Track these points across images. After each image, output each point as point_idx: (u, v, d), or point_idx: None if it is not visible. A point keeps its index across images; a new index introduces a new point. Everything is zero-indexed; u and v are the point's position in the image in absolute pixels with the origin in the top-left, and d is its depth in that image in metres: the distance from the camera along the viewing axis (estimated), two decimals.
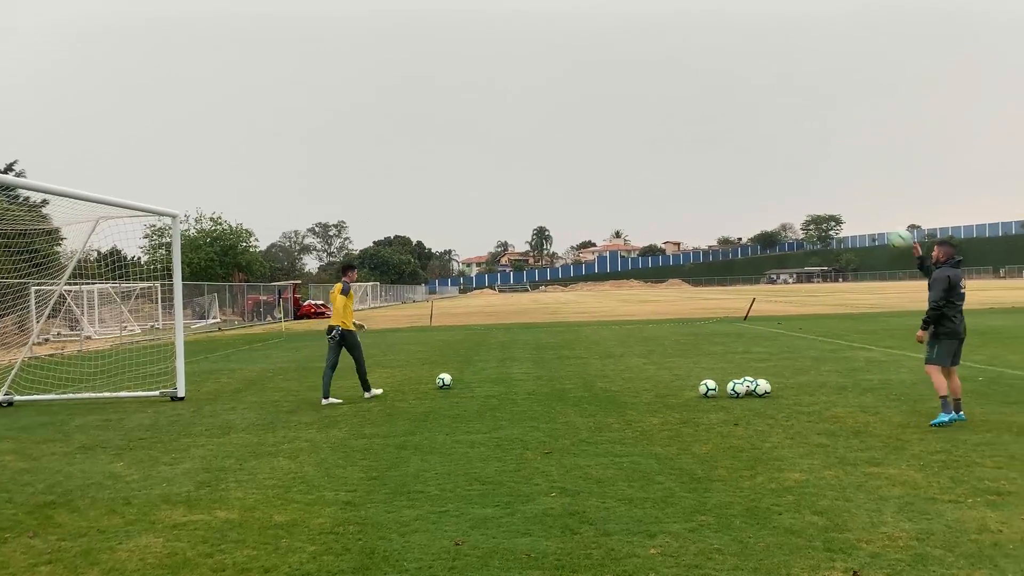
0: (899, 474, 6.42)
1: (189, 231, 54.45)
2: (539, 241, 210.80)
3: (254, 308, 46.51)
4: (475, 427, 9.17)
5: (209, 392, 13.44)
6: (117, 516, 5.99)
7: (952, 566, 4.45)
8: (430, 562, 4.76)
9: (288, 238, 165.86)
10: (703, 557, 4.70)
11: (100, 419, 10.88)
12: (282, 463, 7.63)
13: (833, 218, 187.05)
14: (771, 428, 8.52)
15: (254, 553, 5.03)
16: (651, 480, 6.50)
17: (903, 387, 11.14)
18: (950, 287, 8.52)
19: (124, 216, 13.65)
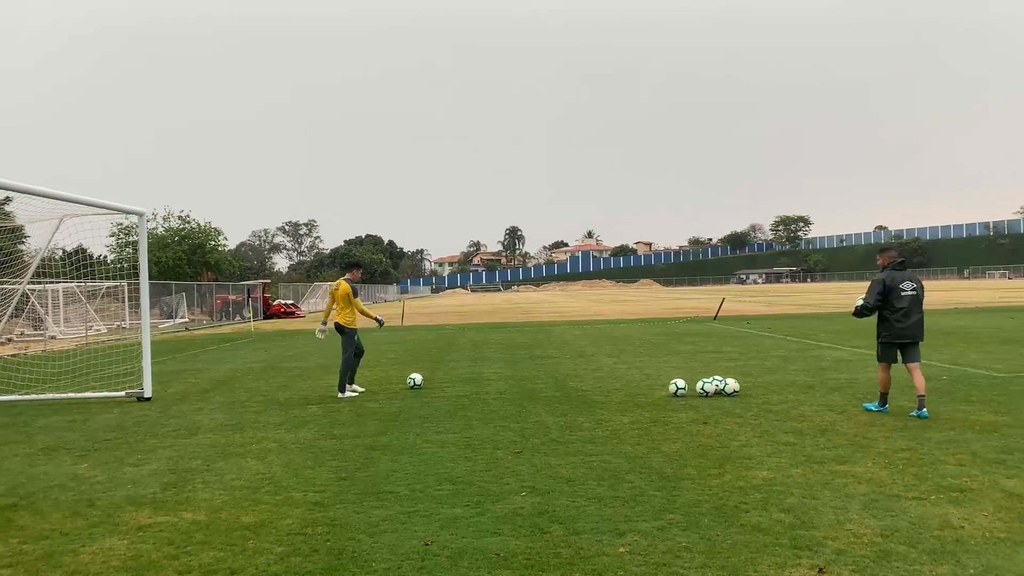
0: (865, 472, 6.51)
1: (157, 229, 53.84)
2: (512, 241, 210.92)
3: (223, 307, 46.03)
4: (446, 427, 9.15)
5: (176, 392, 13.28)
6: (80, 518, 5.89)
7: (915, 562, 4.51)
8: (399, 562, 4.74)
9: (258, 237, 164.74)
10: (671, 555, 4.72)
11: (64, 420, 10.71)
12: (250, 464, 7.56)
13: (802, 219, 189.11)
14: (739, 427, 8.59)
15: (221, 555, 4.98)
16: (621, 479, 6.52)
17: (870, 386, 11.28)
18: (885, 289, 9.10)
19: (90, 214, 13.45)
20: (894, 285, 9.14)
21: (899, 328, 9.11)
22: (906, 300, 9.11)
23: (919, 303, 9.22)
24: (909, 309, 9.11)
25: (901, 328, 9.11)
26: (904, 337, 9.14)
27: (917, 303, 9.19)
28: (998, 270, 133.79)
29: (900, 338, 9.15)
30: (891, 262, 9.35)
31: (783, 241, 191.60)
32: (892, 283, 9.15)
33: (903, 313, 9.09)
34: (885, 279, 9.19)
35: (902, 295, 9.11)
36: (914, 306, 9.14)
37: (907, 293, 9.14)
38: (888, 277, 9.21)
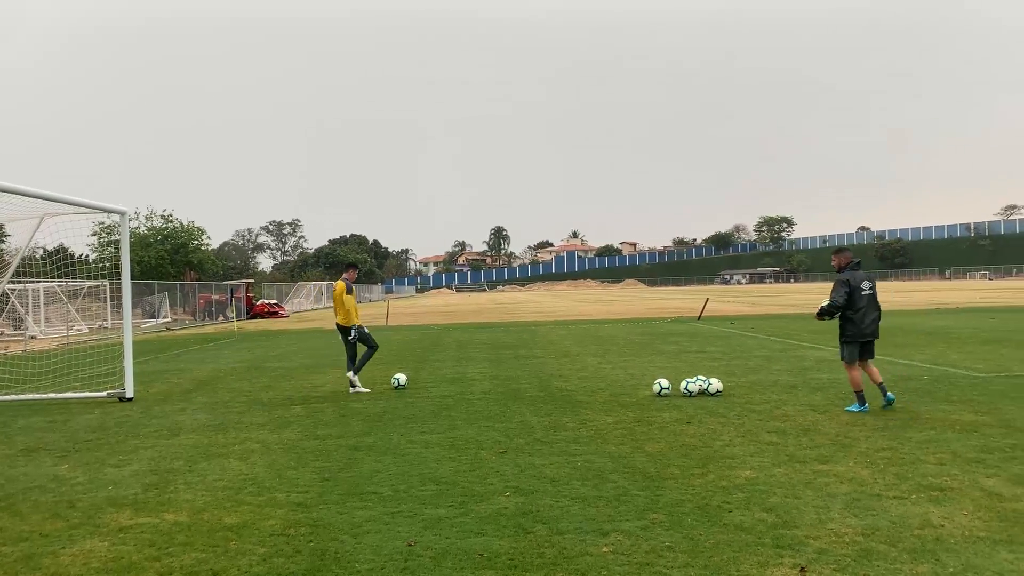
0: (846, 471, 6.55)
1: (139, 229, 53.45)
2: (497, 241, 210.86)
3: (206, 307, 45.77)
4: (430, 427, 9.13)
5: (159, 393, 13.20)
6: (60, 520, 5.84)
7: (896, 560, 4.55)
8: (382, 563, 4.73)
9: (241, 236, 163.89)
10: (654, 555, 4.74)
11: (44, 420, 10.61)
12: (233, 464, 7.52)
13: (785, 220, 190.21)
14: (723, 426, 8.63)
15: (203, 556, 4.95)
16: (604, 479, 6.54)
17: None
18: (851, 289, 9.30)
19: (71, 213, 13.33)
20: (856, 285, 9.36)
21: (863, 327, 9.36)
22: (865, 299, 9.38)
23: (876, 301, 9.51)
24: (868, 308, 9.39)
25: (864, 327, 9.37)
26: (867, 336, 9.41)
27: (874, 301, 9.48)
28: (979, 271, 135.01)
29: (863, 337, 9.40)
30: (848, 262, 9.58)
31: (767, 242, 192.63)
32: (855, 283, 9.37)
33: (864, 312, 9.35)
34: (848, 279, 9.39)
35: (863, 294, 9.36)
36: (872, 304, 9.43)
37: (866, 292, 9.40)
38: (850, 277, 9.42)
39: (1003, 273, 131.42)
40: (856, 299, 9.33)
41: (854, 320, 9.36)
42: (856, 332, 9.38)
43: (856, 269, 9.57)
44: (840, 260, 9.69)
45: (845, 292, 9.31)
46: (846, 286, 9.33)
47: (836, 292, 9.37)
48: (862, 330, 9.37)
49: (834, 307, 9.40)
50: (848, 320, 9.42)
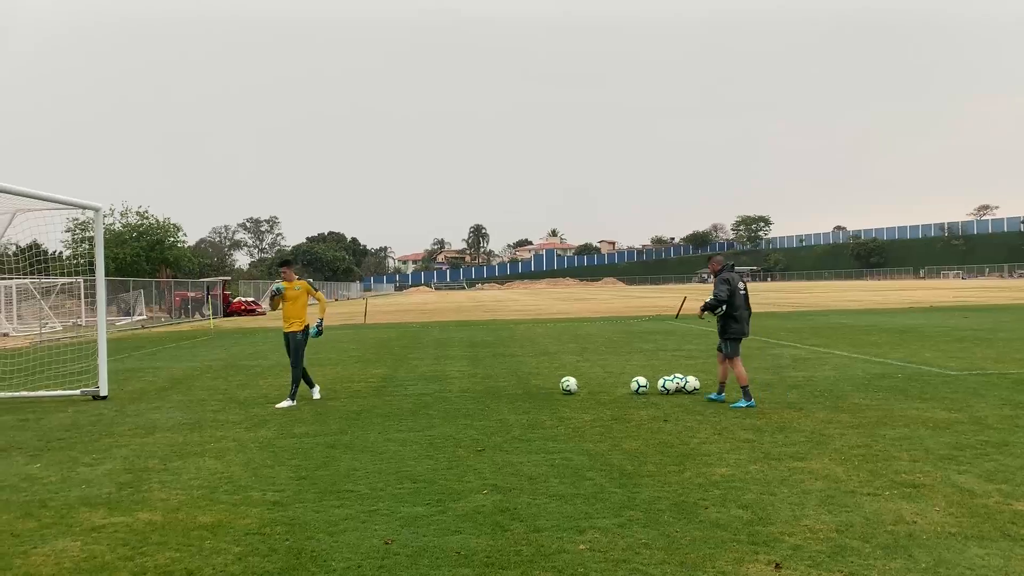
0: (821, 468, 6.61)
1: (114, 225, 52.79)
2: (476, 239, 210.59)
3: (182, 305, 45.37)
4: (408, 425, 9.11)
5: (133, 391, 13.06)
6: (32, 519, 5.77)
7: (869, 556, 4.59)
8: (359, 561, 4.71)
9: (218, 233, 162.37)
10: (631, 552, 4.75)
11: (16, 419, 10.47)
12: (208, 463, 7.46)
13: (762, 219, 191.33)
14: (699, 424, 8.68)
15: (177, 555, 4.91)
16: (582, 476, 6.55)
17: (827, 383, 11.46)
18: (732, 288, 9.95)
19: (44, 209, 13.15)
20: (734, 285, 10.01)
21: (743, 326, 10.04)
22: (742, 299, 10.08)
23: (748, 301, 10.21)
24: (745, 307, 10.09)
25: (744, 326, 10.05)
26: (745, 333, 10.09)
27: (747, 301, 10.18)
28: (952, 270, 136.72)
29: (743, 334, 10.05)
30: (721, 266, 10.30)
31: (744, 241, 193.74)
32: (733, 283, 10.02)
33: (742, 311, 10.03)
34: (728, 278, 10.02)
35: (740, 294, 10.06)
36: (746, 303, 10.12)
37: (743, 292, 10.14)
38: (729, 277, 10.05)
39: (976, 273, 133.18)
40: (736, 299, 9.97)
41: (736, 318, 9.97)
42: (739, 330, 10.00)
43: (731, 271, 10.22)
44: (715, 265, 10.42)
45: (727, 289, 9.92)
46: (727, 284, 9.96)
47: (718, 288, 9.98)
48: (743, 328, 10.03)
49: (719, 302, 9.93)
50: (731, 319, 9.98)
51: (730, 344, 10.01)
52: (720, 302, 9.94)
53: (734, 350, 10.00)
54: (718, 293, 9.95)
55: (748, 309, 10.17)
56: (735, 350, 9.99)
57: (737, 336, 10.00)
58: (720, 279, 10.09)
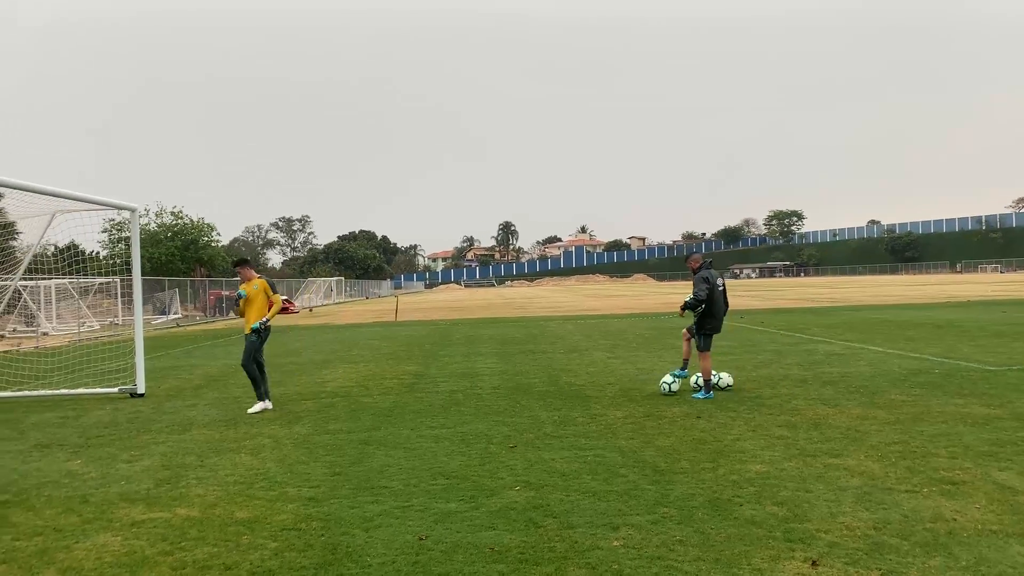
0: (857, 465, 6.53)
1: (150, 225, 53.53)
2: (505, 236, 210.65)
3: (216, 303, 45.92)
4: (440, 422, 9.15)
5: (170, 388, 13.26)
6: (74, 515, 5.88)
7: (908, 554, 4.53)
8: (394, 557, 4.74)
9: (251, 232, 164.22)
10: (665, 549, 4.74)
11: (57, 416, 10.68)
12: (244, 459, 7.55)
13: (795, 213, 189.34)
14: (733, 421, 8.62)
15: (215, 550, 4.98)
16: (615, 473, 6.54)
17: (862, 379, 11.32)
18: (710, 286, 10.22)
19: (82, 210, 13.39)
20: (713, 282, 10.29)
21: (717, 322, 10.33)
22: (720, 295, 10.39)
23: (726, 296, 10.56)
24: (721, 303, 10.40)
25: (719, 322, 10.36)
26: (719, 329, 10.40)
27: (725, 296, 10.52)
28: (990, 264, 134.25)
29: (717, 330, 10.36)
30: (700, 264, 10.48)
31: (776, 235, 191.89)
32: (712, 280, 10.28)
33: (719, 306, 10.33)
34: (707, 276, 10.26)
35: (718, 290, 10.37)
36: (723, 300, 10.46)
37: (721, 288, 10.45)
38: (707, 275, 10.28)
39: (1015, 266, 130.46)
40: (715, 296, 10.25)
41: (713, 314, 10.27)
42: (714, 326, 10.31)
43: (710, 268, 10.44)
44: (693, 263, 10.59)
45: (706, 288, 10.17)
46: (706, 282, 10.21)
47: (698, 288, 10.21)
48: (718, 323, 10.35)
49: (698, 301, 10.19)
50: (709, 314, 10.28)
51: (703, 338, 10.31)
52: (699, 301, 10.20)
53: (706, 344, 10.29)
54: (697, 293, 10.19)
55: (725, 304, 10.54)
56: (707, 344, 10.30)
57: (710, 331, 10.31)
58: (699, 277, 10.29)
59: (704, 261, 10.51)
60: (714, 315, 10.27)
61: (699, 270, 10.39)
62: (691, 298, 10.25)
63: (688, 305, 10.31)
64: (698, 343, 10.39)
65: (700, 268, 10.41)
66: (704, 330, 10.32)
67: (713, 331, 10.31)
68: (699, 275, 10.30)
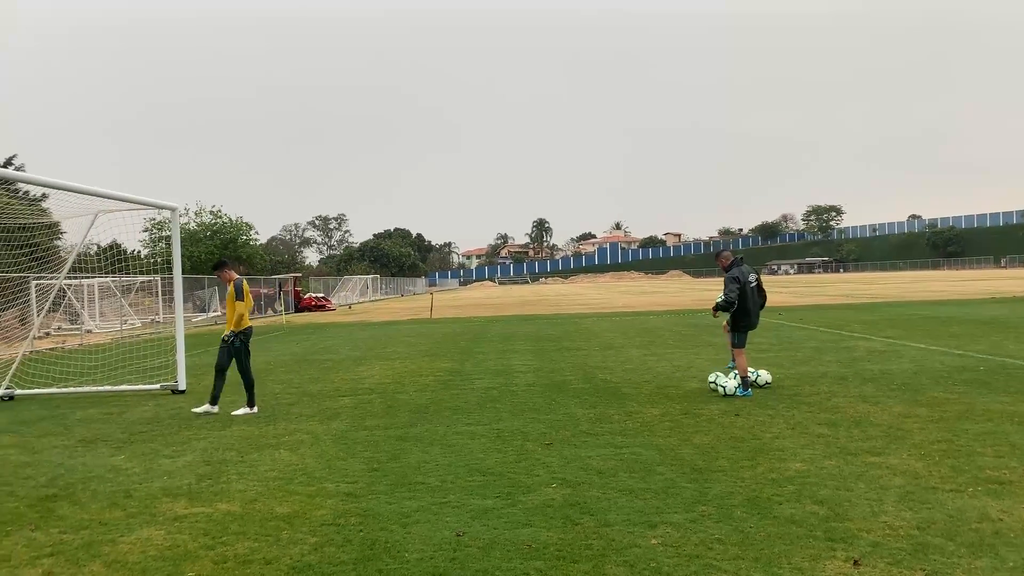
0: (900, 464, 6.43)
1: (189, 224, 54.28)
2: (539, 233, 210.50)
3: (255, 301, 46.46)
4: (475, 418, 9.17)
5: (210, 385, 13.41)
6: (118, 509, 5.99)
7: (953, 555, 4.45)
8: (432, 553, 4.76)
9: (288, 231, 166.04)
10: (704, 547, 4.70)
11: (101, 412, 10.89)
12: (283, 455, 7.63)
13: (834, 208, 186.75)
14: (772, 418, 8.52)
15: (256, 545, 5.04)
16: (652, 471, 6.50)
17: (904, 377, 11.13)
18: (741, 285, 10.10)
19: (123, 209, 13.63)
20: (744, 280, 10.18)
21: (752, 318, 10.29)
22: (752, 291, 10.30)
23: (762, 290, 10.56)
24: (756, 299, 10.35)
25: (754, 318, 10.32)
26: (755, 325, 10.39)
27: (760, 291, 10.49)
28: None
29: (753, 327, 10.36)
30: (731, 261, 10.38)
31: (815, 231, 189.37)
32: (743, 279, 10.17)
33: (753, 303, 10.26)
34: (737, 276, 10.17)
35: (751, 287, 10.26)
36: (758, 296, 10.39)
37: (753, 285, 10.32)
38: (738, 274, 10.19)
39: None
40: (747, 293, 10.14)
41: (747, 311, 10.20)
42: (749, 322, 10.27)
43: (740, 265, 10.35)
44: (724, 261, 10.48)
45: (737, 288, 10.09)
46: (736, 283, 10.11)
47: (728, 289, 10.11)
48: (752, 321, 10.29)
49: (729, 303, 10.12)
50: (742, 312, 10.20)
51: (738, 336, 10.30)
52: (731, 303, 10.13)
53: (741, 341, 10.28)
54: (728, 294, 10.10)
55: (762, 298, 10.52)
56: (742, 341, 10.28)
57: (745, 328, 10.28)
58: (729, 277, 10.20)
59: (735, 258, 10.41)
60: (748, 312, 10.21)
61: (729, 268, 10.31)
62: (722, 299, 10.17)
63: (720, 307, 10.27)
64: (732, 340, 10.40)
65: (731, 266, 10.32)
66: (739, 327, 10.30)
67: (748, 328, 10.27)
68: (729, 275, 10.23)
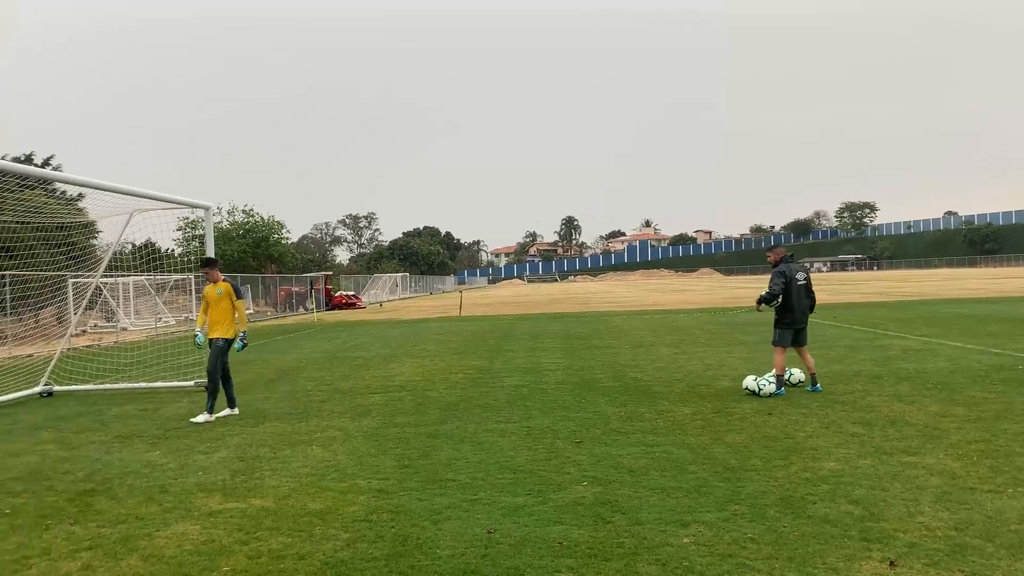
0: (936, 463, 6.33)
1: (222, 223, 54.90)
2: (568, 231, 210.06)
3: (286, 299, 46.92)
4: (505, 416, 9.18)
5: (243, 382, 13.56)
6: (154, 504, 6.08)
7: (992, 556, 4.37)
8: (463, 550, 4.78)
9: (319, 230, 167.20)
10: (737, 546, 4.66)
11: (137, 409, 11.05)
12: (315, 452, 7.69)
13: (868, 205, 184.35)
14: (805, 417, 8.43)
15: (289, 540, 5.09)
16: (684, 470, 6.46)
17: (940, 376, 10.96)
18: (787, 280, 10.11)
19: (158, 208, 13.82)
20: (791, 276, 10.17)
21: (796, 315, 10.15)
22: (800, 290, 10.22)
23: (810, 290, 10.41)
24: (801, 297, 10.24)
25: (797, 315, 10.17)
26: (799, 323, 10.23)
27: (807, 291, 10.35)
28: None
29: (796, 324, 10.20)
30: (781, 257, 10.39)
31: (848, 228, 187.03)
32: (790, 274, 10.16)
33: (797, 301, 10.17)
34: (784, 271, 10.17)
35: (797, 285, 10.20)
36: (804, 294, 10.28)
37: (800, 283, 10.25)
38: (785, 269, 10.19)
39: None
40: (792, 290, 10.12)
41: (791, 307, 10.14)
42: (791, 320, 10.17)
43: (790, 262, 10.36)
44: (774, 256, 10.50)
45: (782, 282, 10.11)
46: (782, 277, 10.13)
47: (774, 282, 10.18)
48: (795, 318, 10.17)
49: (772, 295, 10.13)
50: (786, 308, 10.17)
51: (778, 332, 10.25)
52: (774, 296, 10.15)
53: (782, 339, 10.21)
54: (772, 287, 10.15)
55: (810, 299, 10.40)
56: (782, 339, 10.21)
57: (787, 326, 10.20)
58: (776, 271, 10.25)
59: (785, 255, 10.42)
60: (791, 308, 10.14)
61: (778, 264, 10.33)
62: (766, 292, 10.22)
63: (763, 299, 10.28)
64: (773, 337, 10.31)
65: (780, 262, 10.33)
66: (781, 324, 10.23)
67: (790, 325, 10.18)
68: (776, 269, 10.26)
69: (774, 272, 10.28)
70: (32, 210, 15.10)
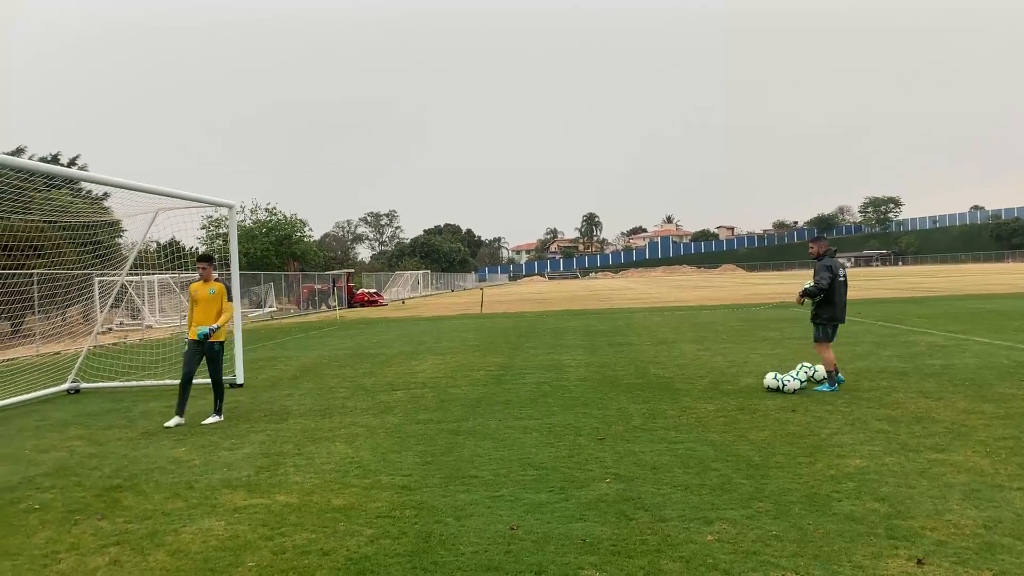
0: (964, 460, 6.25)
1: (245, 222, 55.34)
2: (589, 227, 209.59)
3: (309, 297, 47.19)
4: (527, 413, 9.17)
5: (267, 379, 13.68)
6: (180, 500, 6.14)
7: (1022, 555, 4.31)
8: (486, 546, 4.78)
9: (341, 228, 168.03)
10: (761, 544, 4.63)
11: (163, 406, 11.16)
12: (339, 448, 7.73)
13: (892, 200, 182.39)
14: (830, 414, 8.36)
15: (313, 536, 5.12)
16: (707, 467, 6.43)
17: (967, 372, 10.83)
18: (833, 274, 9.89)
19: (182, 207, 13.92)
20: (836, 271, 9.95)
21: (837, 312, 10.01)
22: (843, 285, 10.06)
23: (846, 287, 10.20)
24: (844, 293, 10.10)
25: (839, 311, 10.03)
26: (840, 319, 10.06)
27: (846, 288, 10.19)
28: None
29: (838, 320, 10.03)
30: (826, 250, 10.18)
31: (872, 223, 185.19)
32: (835, 270, 9.96)
33: (840, 296, 10.01)
34: (830, 265, 9.95)
35: (839, 280, 9.99)
36: (844, 290, 10.11)
37: (842, 279, 10.05)
38: (831, 263, 9.99)
39: None
40: (835, 285, 9.92)
41: (833, 302, 9.96)
42: (832, 316, 9.99)
43: (833, 256, 10.19)
44: (818, 248, 10.25)
45: (829, 276, 9.86)
46: (829, 271, 9.88)
47: (820, 276, 9.90)
48: (838, 314, 10.00)
49: (820, 290, 9.91)
50: (828, 303, 9.99)
51: (820, 328, 10.06)
52: (821, 290, 9.92)
53: (824, 335, 10.02)
54: (819, 280, 9.88)
55: (844, 295, 10.18)
56: (824, 335, 10.02)
57: (829, 322, 10.01)
58: (822, 265, 9.99)
59: (829, 249, 10.20)
60: (834, 304, 9.95)
61: (822, 257, 10.11)
62: (811, 285, 9.95)
63: (808, 292, 10.02)
64: (815, 333, 10.11)
65: (824, 255, 10.13)
66: (821, 319, 10.04)
67: (831, 321, 9.98)
68: (823, 263, 10.01)
69: (819, 265, 10.01)
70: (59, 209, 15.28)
